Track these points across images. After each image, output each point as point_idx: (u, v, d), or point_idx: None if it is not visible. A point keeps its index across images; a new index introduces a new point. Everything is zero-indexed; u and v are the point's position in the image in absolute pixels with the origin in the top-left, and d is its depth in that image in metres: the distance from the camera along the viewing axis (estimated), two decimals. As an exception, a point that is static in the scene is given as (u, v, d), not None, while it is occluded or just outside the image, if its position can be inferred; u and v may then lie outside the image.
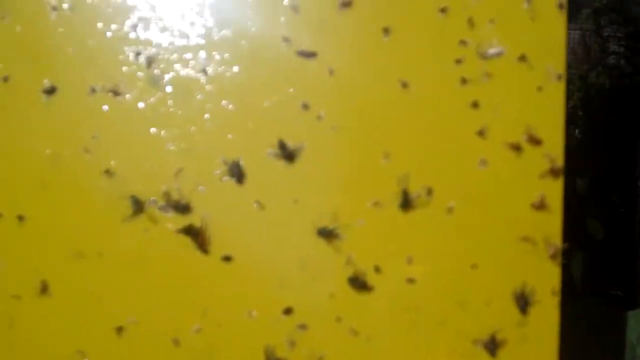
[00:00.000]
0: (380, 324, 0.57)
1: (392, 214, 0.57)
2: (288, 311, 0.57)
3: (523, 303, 0.57)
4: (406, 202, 0.57)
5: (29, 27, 0.57)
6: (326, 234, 0.57)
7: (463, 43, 0.57)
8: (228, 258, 0.57)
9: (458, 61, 0.57)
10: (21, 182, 0.57)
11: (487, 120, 0.57)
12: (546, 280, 0.57)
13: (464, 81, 0.57)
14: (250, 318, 0.57)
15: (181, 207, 0.57)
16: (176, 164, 0.57)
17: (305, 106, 0.57)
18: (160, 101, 0.57)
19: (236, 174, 0.57)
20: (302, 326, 0.57)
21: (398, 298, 0.57)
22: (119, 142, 0.57)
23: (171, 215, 0.57)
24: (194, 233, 0.57)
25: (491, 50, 0.57)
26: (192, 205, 0.57)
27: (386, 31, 0.57)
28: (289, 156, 0.57)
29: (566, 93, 0.60)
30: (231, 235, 0.57)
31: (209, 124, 0.57)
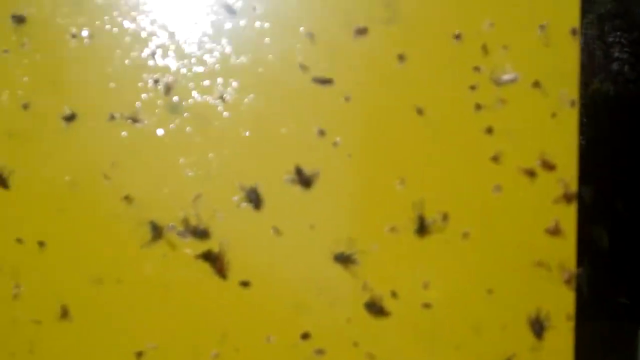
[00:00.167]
0: (396, 349, 0.58)
1: (408, 239, 0.58)
2: (305, 336, 0.58)
3: (538, 328, 0.57)
4: (422, 228, 0.58)
5: (49, 55, 0.58)
6: (343, 259, 0.57)
7: (477, 69, 0.58)
8: (246, 283, 0.58)
9: (472, 87, 0.58)
10: (41, 209, 0.58)
11: (502, 145, 0.58)
12: (561, 305, 0.58)
13: (479, 107, 0.58)
14: (268, 343, 0.58)
15: (199, 233, 0.57)
16: (194, 190, 0.58)
17: (321, 132, 0.58)
18: (178, 128, 0.58)
19: (254, 200, 0.58)
20: (320, 351, 0.57)
21: (414, 323, 0.58)
22: (138, 169, 0.58)
23: (190, 240, 0.58)
24: (213, 258, 0.57)
25: (505, 76, 0.58)
26: (211, 230, 0.58)
27: (401, 58, 0.58)
28: (306, 182, 0.58)
29: None
30: (249, 260, 0.58)
31: (227, 151, 0.58)
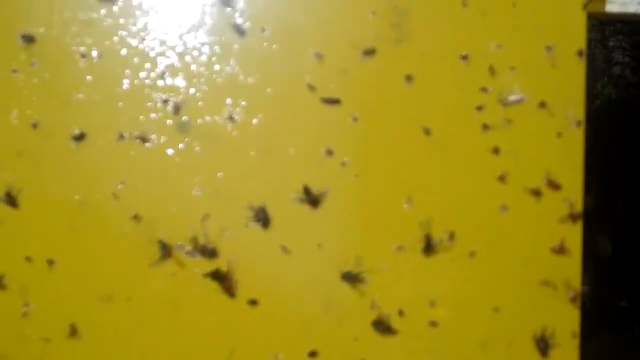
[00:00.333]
0: (403, 367, 0.59)
1: (415, 258, 0.58)
2: (313, 354, 0.58)
3: (543, 346, 0.58)
4: (429, 247, 0.58)
5: (58, 74, 0.59)
6: (350, 278, 0.58)
7: (484, 90, 0.58)
8: (254, 302, 0.58)
9: (479, 108, 0.58)
10: (51, 227, 0.58)
11: (508, 165, 0.59)
12: (566, 323, 0.58)
13: (485, 127, 0.59)
14: (276, 361, 0.58)
15: (208, 252, 0.58)
16: (203, 209, 0.58)
17: (329, 152, 0.58)
18: (187, 147, 0.58)
19: (262, 219, 0.58)
20: (327, 369, 0.58)
21: (421, 341, 0.58)
22: (147, 188, 0.59)
23: (198, 259, 0.58)
24: (221, 277, 0.58)
25: (512, 97, 0.59)
26: (219, 249, 0.58)
27: (408, 78, 0.58)
28: (314, 201, 0.58)
29: None
30: (257, 279, 0.58)
31: (236, 170, 0.59)
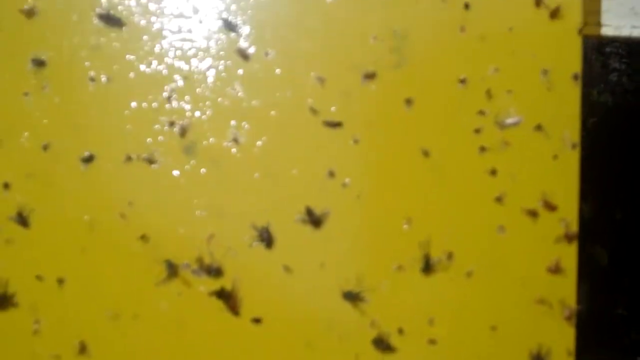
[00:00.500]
0: (403, 384, 0.60)
1: (415, 278, 0.60)
2: (315, 371, 0.60)
3: (540, 363, 0.59)
4: (428, 266, 0.60)
5: (68, 98, 0.60)
6: (352, 297, 0.60)
7: (482, 113, 0.60)
8: (258, 320, 0.60)
9: (477, 130, 0.60)
10: (61, 247, 0.60)
11: (505, 187, 0.60)
12: (562, 341, 0.60)
13: (483, 149, 0.60)
14: (279, 377, 0.60)
15: (213, 271, 0.60)
16: (208, 230, 0.60)
17: (331, 174, 0.60)
18: (193, 169, 0.60)
19: (266, 239, 0.60)
20: (329, 385, 0.60)
21: (420, 359, 0.60)
22: (154, 209, 0.60)
23: (204, 278, 0.60)
24: (226, 296, 0.60)
25: (509, 120, 0.60)
26: (224, 269, 0.60)
27: (408, 102, 0.60)
28: (316, 222, 0.60)
29: None
30: (261, 297, 0.60)
31: (240, 191, 0.60)
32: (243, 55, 0.60)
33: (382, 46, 0.60)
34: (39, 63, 0.60)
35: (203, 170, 0.60)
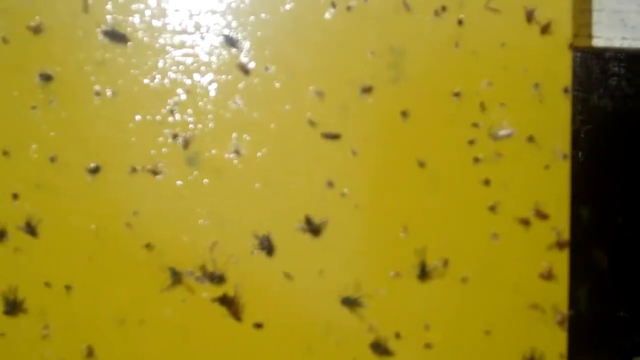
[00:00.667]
0: (400, 387, 0.62)
1: (411, 284, 0.62)
2: (315, 374, 0.62)
3: (532, 367, 0.61)
4: (424, 273, 0.62)
5: (74, 111, 0.62)
6: (350, 303, 0.62)
7: (475, 125, 0.62)
8: (259, 325, 0.62)
9: (471, 142, 0.62)
10: (68, 255, 0.62)
11: (498, 196, 0.62)
12: (554, 345, 0.62)
13: (477, 160, 0.62)
14: (280, 381, 0.62)
15: (216, 278, 0.62)
16: (211, 238, 0.62)
17: (330, 184, 0.62)
18: (196, 180, 0.62)
19: (266, 247, 0.62)
20: (328, 389, 0.62)
21: (416, 362, 0.62)
22: (158, 218, 0.62)
23: (207, 285, 0.62)
24: (228, 302, 0.62)
25: (501, 131, 0.62)
26: (226, 276, 0.62)
27: (404, 114, 0.62)
28: (315, 230, 0.62)
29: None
30: (262, 303, 0.62)
31: (241, 201, 0.62)
32: (244, 69, 0.62)
33: (379, 61, 0.62)
34: (46, 78, 0.62)
35: (205, 180, 0.62)
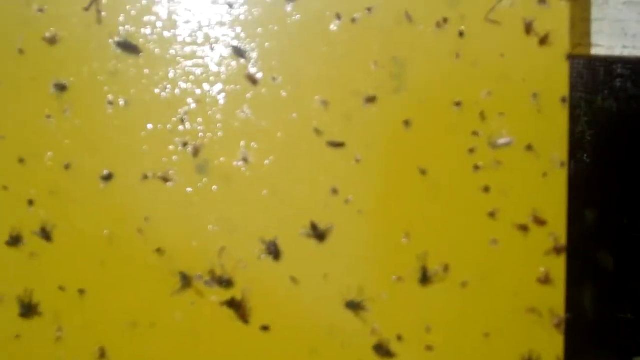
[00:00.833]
0: (402, 388, 0.64)
1: (413, 288, 0.64)
2: (320, 375, 0.64)
3: (530, 368, 0.63)
4: (425, 278, 0.64)
5: (88, 120, 0.65)
6: (353, 306, 0.64)
7: (476, 134, 0.64)
8: (266, 328, 0.64)
9: (471, 150, 0.64)
10: (82, 260, 0.64)
11: (498, 203, 0.64)
12: (551, 347, 0.64)
13: (477, 168, 0.64)
14: (286, 382, 0.64)
15: (224, 282, 0.64)
16: (220, 243, 0.64)
17: (334, 191, 0.64)
18: (205, 187, 0.64)
19: (273, 252, 0.64)
20: (333, 389, 0.64)
21: (418, 364, 0.64)
22: (169, 224, 0.64)
23: (216, 289, 0.64)
24: (236, 305, 0.64)
25: (501, 140, 0.64)
26: (234, 280, 0.64)
27: (407, 123, 0.64)
28: (320, 236, 0.64)
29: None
30: (269, 307, 0.64)
31: (249, 207, 0.64)
32: (252, 80, 0.64)
33: (383, 72, 0.64)
34: (61, 87, 0.64)
35: (214, 187, 0.64)
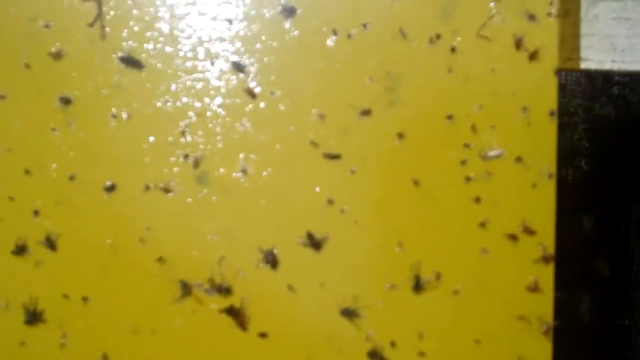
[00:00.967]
0: (396, 393, 0.66)
1: (406, 296, 0.66)
2: (316, 380, 0.66)
3: (520, 374, 0.65)
4: (418, 286, 0.66)
5: (92, 133, 0.67)
6: (349, 314, 0.66)
7: (467, 146, 0.66)
8: (264, 334, 0.66)
9: (463, 162, 0.66)
10: (85, 268, 0.66)
11: (488, 213, 0.66)
12: (539, 354, 0.66)
13: (468, 179, 0.66)
14: (283, 387, 0.66)
15: (224, 290, 0.66)
16: (219, 252, 0.66)
17: (330, 201, 0.66)
18: (205, 197, 0.66)
19: (271, 261, 0.66)
20: (328, 394, 0.66)
21: (411, 369, 0.66)
22: (170, 233, 0.66)
23: (215, 297, 0.66)
24: (235, 312, 0.66)
25: (491, 152, 0.66)
26: (233, 288, 0.66)
27: (400, 136, 0.66)
28: (316, 245, 0.66)
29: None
30: (267, 314, 0.66)
31: (247, 218, 0.66)
32: (251, 94, 0.66)
33: (377, 86, 0.66)
34: (66, 101, 0.66)
35: (214, 198, 0.66)
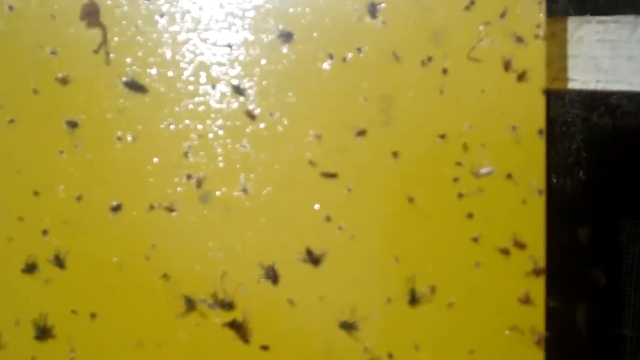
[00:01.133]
0: (393, 402, 0.69)
1: (402, 309, 0.68)
2: (316, 392, 0.68)
3: (512, 383, 0.68)
4: (414, 299, 0.68)
5: (98, 155, 0.69)
6: (347, 326, 0.68)
7: (459, 164, 0.69)
8: (266, 347, 0.68)
9: (455, 179, 0.69)
10: (93, 285, 0.69)
11: (480, 228, 0.69)
12: (532, 363, 0.68)
13: (461, 196, 0.69)
14: (284, 398, 0.68)
15: (226, 305, 0.68)
16: (222, 269, 0.69)
17: (328, 219, 0.69)
18: (208, 216, 0.69)
19: (272, 276, 0.68)
20: (328, 405, 0.68)
21: (408, 380, 0.68)
22: (174, 251, 0.69)
23: (218, 311, 0.68)
24: (237, 326, 0.68)
25: (483, 169, 0.69)
26: (236, 303, 0.68)
27: (395, 155, 0.69)
28: (315, 261, 0.69)
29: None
30: (268, 327, 0.69)
31: (249, 235, 0.69)
32: (250, 116, 0.69)
33: (372, 107, 0.69)
34: (72, 125, 0.69)
35: (217, 216, 0.69)
